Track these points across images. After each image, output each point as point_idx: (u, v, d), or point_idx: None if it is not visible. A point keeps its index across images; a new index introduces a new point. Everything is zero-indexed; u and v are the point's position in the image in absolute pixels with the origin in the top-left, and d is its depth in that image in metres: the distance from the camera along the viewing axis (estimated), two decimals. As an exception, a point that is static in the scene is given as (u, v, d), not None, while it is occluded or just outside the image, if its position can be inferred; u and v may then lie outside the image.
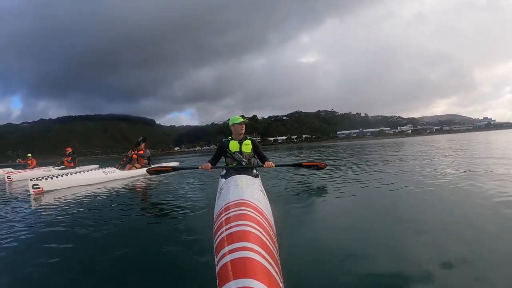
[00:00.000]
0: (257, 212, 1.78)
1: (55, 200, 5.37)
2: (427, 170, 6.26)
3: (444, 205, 3.35)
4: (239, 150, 4.05)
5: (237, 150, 4.05)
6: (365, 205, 3.72)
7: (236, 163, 4.04)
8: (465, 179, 4.75)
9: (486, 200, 3.38)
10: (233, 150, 4.05)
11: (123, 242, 2.64)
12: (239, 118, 4.16)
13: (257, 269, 1.21)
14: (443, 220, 2.80)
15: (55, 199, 5.42)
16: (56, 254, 2.41)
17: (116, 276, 1.95)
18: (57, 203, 4.95)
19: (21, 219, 3.85)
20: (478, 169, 5.76)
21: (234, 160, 4.06)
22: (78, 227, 3.22)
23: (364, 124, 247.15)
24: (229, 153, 4.07)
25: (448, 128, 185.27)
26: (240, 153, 4.03)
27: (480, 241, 2.22)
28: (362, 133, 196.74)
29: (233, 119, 4.14)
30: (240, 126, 4.08)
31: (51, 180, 6.86)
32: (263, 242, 1.44)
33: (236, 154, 4.03)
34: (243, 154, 4.05)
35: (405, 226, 2.72)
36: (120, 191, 6.08)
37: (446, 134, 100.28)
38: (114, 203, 4.72)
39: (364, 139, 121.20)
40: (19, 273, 2.10)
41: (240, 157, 4.01)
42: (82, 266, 2.17)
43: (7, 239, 2.89)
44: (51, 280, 1.98)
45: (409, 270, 1.81)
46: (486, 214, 2.89)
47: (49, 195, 5.98)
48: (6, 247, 2.69)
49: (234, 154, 4.03)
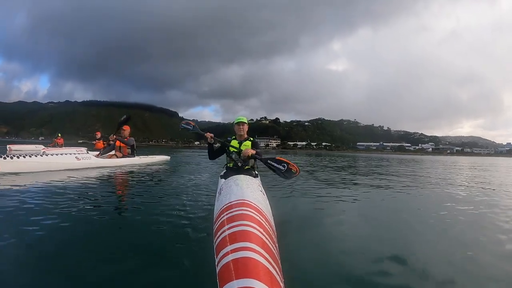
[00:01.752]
0: (257, 212, 1.78)
1: (11, 187, 4.55)
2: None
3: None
4: (237, 150, 4.06)
5: (236, 150, 4.07)
6: (366, 208, 3.78)
7: (233, 163, 4.06)
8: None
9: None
10: (232, 150, 4.08)
11: (118, 241, 2.51)
12: (239, 118, 4.18)
13: (259, 269, 1.21)
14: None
15: (12, 186, 4.63)
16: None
17: (115, 276, 1.87)
18: (12, 192, 4.12)
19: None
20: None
21: (232, 160, 4.07)
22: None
23: (385, 138, 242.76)
24: (229, 152, 4.10)
25: (470, 150, 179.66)
26: (238, 153, 4.05)
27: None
28: (382, 146, 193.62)
29: (236, 119, 4.20)
30: (237, 127, 4.11)
31: (10, 160, 5.91)
32: (264, 242, 1.44)
33: (233, 153, 4.04)
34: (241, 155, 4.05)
35: (404, 230, 2.82)
36: (102, 183, 5.51)
37: (466, 156, 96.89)
38: (98, 197, 4.25)
39: (383, 153, 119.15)
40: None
41: (237, 157, 4.02)
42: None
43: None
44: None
45: (409, 272, 1.87)
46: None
47: (8, 179, 5.24)
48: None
49: (232, 153, 4.05)
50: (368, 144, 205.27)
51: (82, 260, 2.04)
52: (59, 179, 5.48)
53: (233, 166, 4.01)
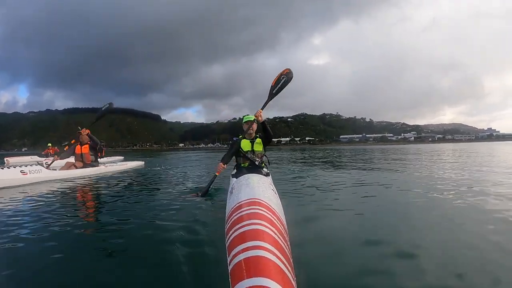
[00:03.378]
0: (269, 211, 1.77)
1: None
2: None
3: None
4: (251, 149, 4.06)
5: (249, 149, 4.06)
6: (378, 203, 3.77)
7: (249, 162, 4.05)
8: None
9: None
10: (246, 150, 4.07)
11: (129, 241, 2.54)
12: (248, 117, 4.19)
13: (271, 267, 1.20)
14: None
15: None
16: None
17: (126, 277, 1.89)
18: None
19: None
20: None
21: (246, 159, 4.06)
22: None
23: (368, 129, 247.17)
24: (242, 152, 4.08)
25: (451, 137, 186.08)
26: (252, 152, 4.04)
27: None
28: (364, 138, 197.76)
29: (244, 117, 4.23)
30: (246, 126, 4.13)
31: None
32: (276, 241, 1.43)
33: (248, 153, 4.04)
34: (255, 153, 4.06)
35: (421, 229, 2.73)
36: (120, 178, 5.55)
37: (448, 143, 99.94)
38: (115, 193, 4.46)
39: (366, 144, 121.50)
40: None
41: (253, 157, 4.02)
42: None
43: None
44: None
45: (422, 272, 1.81)
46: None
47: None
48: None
49: (247, 153, 4.04)
50: (351, 136, 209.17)
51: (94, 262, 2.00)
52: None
53: (248, 166, 4.00)
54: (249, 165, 4.03)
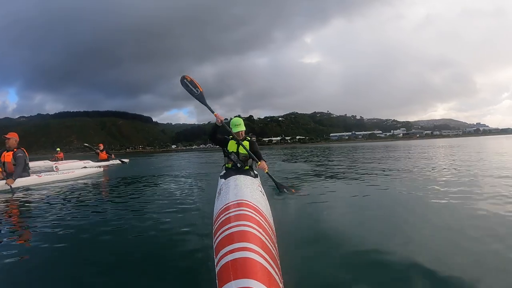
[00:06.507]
0: (256, 212, 1.79)
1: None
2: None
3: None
4: (236, 151, 4.04)
5: (234, 150, 4.04)
6: (365, 205, 3.76)
7: (232, 163, 4.05)
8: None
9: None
10: (230, 150, 4.06)
11: (118, 243, 2.56)
12: (238, 123, 4.15)
13: (257, 269, 1.22)
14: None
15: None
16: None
17: (114, 277, 1.91)
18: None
19: None
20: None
21: (230, 161, 4.06)
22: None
23: (358, 127, 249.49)
24: (227, 152, 4.08)
25: (438, 133, 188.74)
26: (236, 154, 4.03)
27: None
28: (354, 135, 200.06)
29: (233, 122, 4.17)
30: (236, 134, 4.09)
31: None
32: (263, 242, 1.45)
33: (232, 154, 4.03)
34: (239, 156, 4.04)
35: (408, 227, 2.75)
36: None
37: (435, 139, 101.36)
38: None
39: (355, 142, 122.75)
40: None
41: (236, 158, 4.01)
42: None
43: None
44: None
45: (410, 270, 1.83)
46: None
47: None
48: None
49: (231, 154, 4.04)
50: (340, 134, 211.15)
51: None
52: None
53: (231, 167, 4.00)
54: (232, 166, 4.04)
